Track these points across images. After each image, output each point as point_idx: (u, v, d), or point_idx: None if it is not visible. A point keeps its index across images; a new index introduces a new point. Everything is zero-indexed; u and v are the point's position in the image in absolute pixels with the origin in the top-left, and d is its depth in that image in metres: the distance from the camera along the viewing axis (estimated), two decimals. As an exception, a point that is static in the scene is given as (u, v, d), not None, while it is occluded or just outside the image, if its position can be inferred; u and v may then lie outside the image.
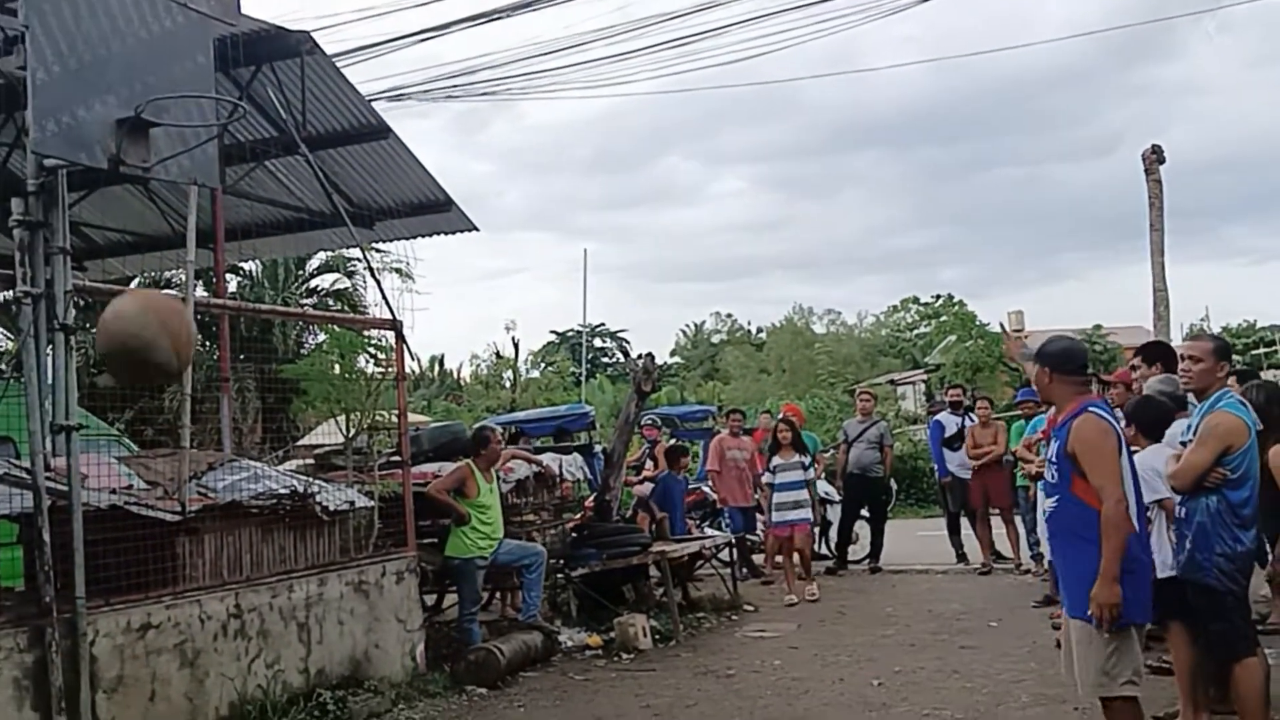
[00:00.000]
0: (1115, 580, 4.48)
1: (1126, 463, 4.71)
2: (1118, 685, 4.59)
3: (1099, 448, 4.61)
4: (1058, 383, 4.88)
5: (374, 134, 10.15)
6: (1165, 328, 12.69)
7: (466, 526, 8.44)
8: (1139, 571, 4.62)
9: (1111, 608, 4.49)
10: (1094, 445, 4.62)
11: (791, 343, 51.17)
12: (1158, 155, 12.90)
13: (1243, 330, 47.14)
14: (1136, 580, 4.60)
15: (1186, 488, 5.22)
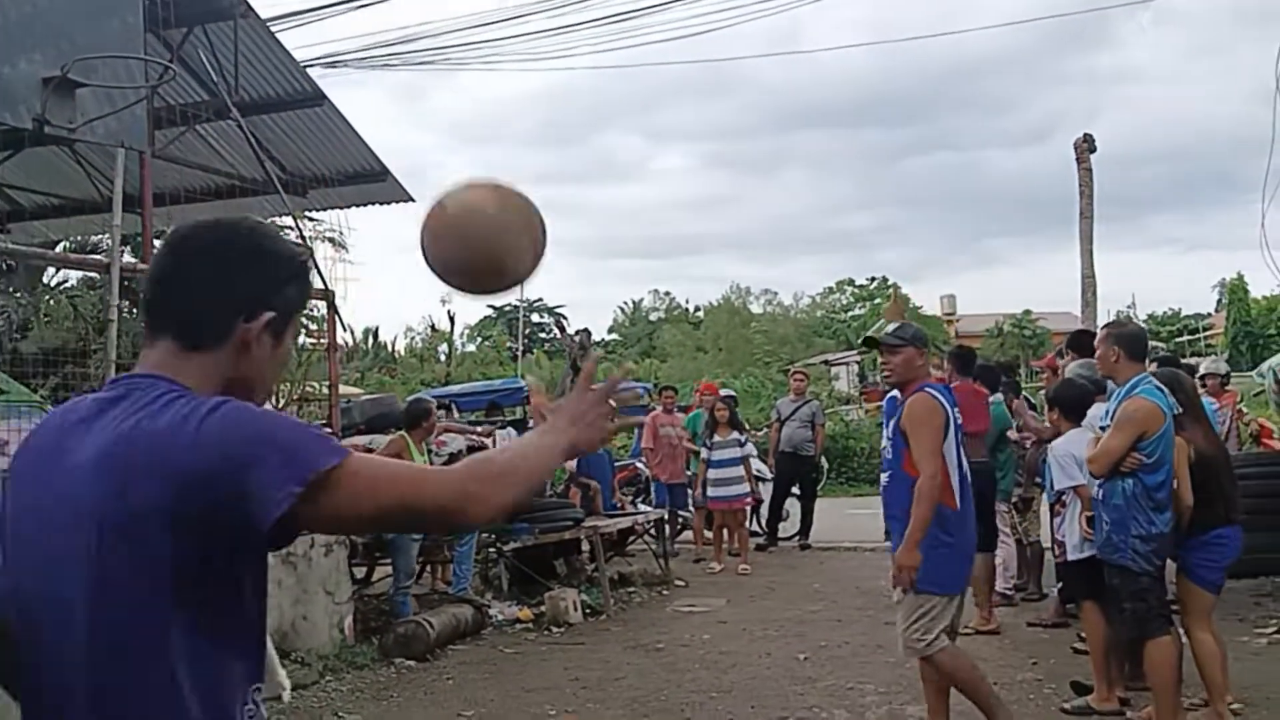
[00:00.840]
0: (916, 546, 4.86)
1: (954, 444, 5.04)
2: (924, 646, 4.96)
3: (926, 424, 4.98)
4: (923, 362, 5.25)
5: (308, 101, 10.01)
6: (1093, 314, 12.97)
7: None
8: (956, 546, 4.99)
9: (909, 570, 4.88)
10: (921, 421, 4.99)
11: (728, 322, 51.45)
12: (1089, 144, 13.15)
13: (1168, 318, 48.33)
14: (953, 554, 4.98)
15: (1103, 472, 5.37)
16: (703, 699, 6.47)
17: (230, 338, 1.64)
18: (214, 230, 1.70)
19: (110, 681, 1.51)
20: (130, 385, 1.61)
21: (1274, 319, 36.07)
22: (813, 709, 6.16)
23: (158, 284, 1.67)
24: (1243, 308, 41.04)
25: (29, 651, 1.57)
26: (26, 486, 1.62)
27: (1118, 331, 5.68)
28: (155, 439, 1.50)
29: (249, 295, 1.65)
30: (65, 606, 1.52)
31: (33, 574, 1.57)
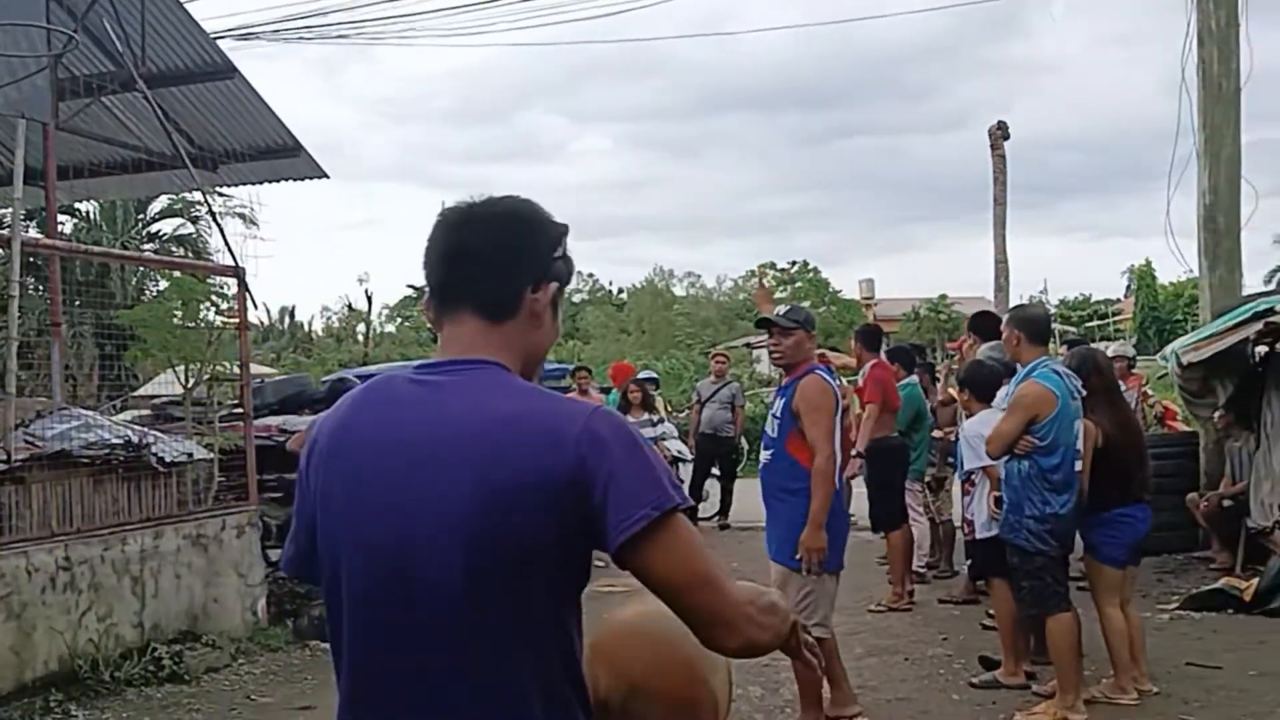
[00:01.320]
0: (822, 527, 5.00)
1: (838, 426, 5.15)
2: (812, 627, 4.89)
3: (821, 407, 5.10)
4: (811, 345, 5.38)
5: (219, 73, 9.77)
6: (1005, 298, 13.18)
7: None
8: (836, 525, 5.17)
9: (819, 551, 5.01)
10: (816, 404, 5.10)
11: (652, 304, 51.51)
12: (1003, 131, 13.35)
13: (1079, 303, 49.47)
14: (834, 532, 5.08)
15: (997, 454, 5.51)
16: (619, 678, 6.48)
17: (522, 310, 1.69)
18: (497, 204, 1.74)
19: (487, 647, 1.56)
20: (465, 368, 1.65)
21: (1180, 305, 37.12)
22: (728, 686, 6.20)
23: (454, 259, 1.71)
24: (1150, 293, 42.19)
25: (382, 612, 1.59)
26: (362, 458, 1.64)
27: (1020, 316, 5.81)
28: (540, 425, 1.56)
29: (535, 266, 1.71)
30: (437, 572, 1.55)
31: (392, 544, 1.58)
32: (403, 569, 1.57)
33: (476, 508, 1.54)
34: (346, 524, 1.64)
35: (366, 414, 1.69)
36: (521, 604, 1.57)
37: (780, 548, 5.18)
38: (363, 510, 1.62)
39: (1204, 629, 7.11)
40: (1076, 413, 5.44)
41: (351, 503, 1.63)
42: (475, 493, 1.54)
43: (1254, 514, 8.59)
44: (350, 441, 1.67)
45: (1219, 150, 10.53)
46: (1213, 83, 10.57)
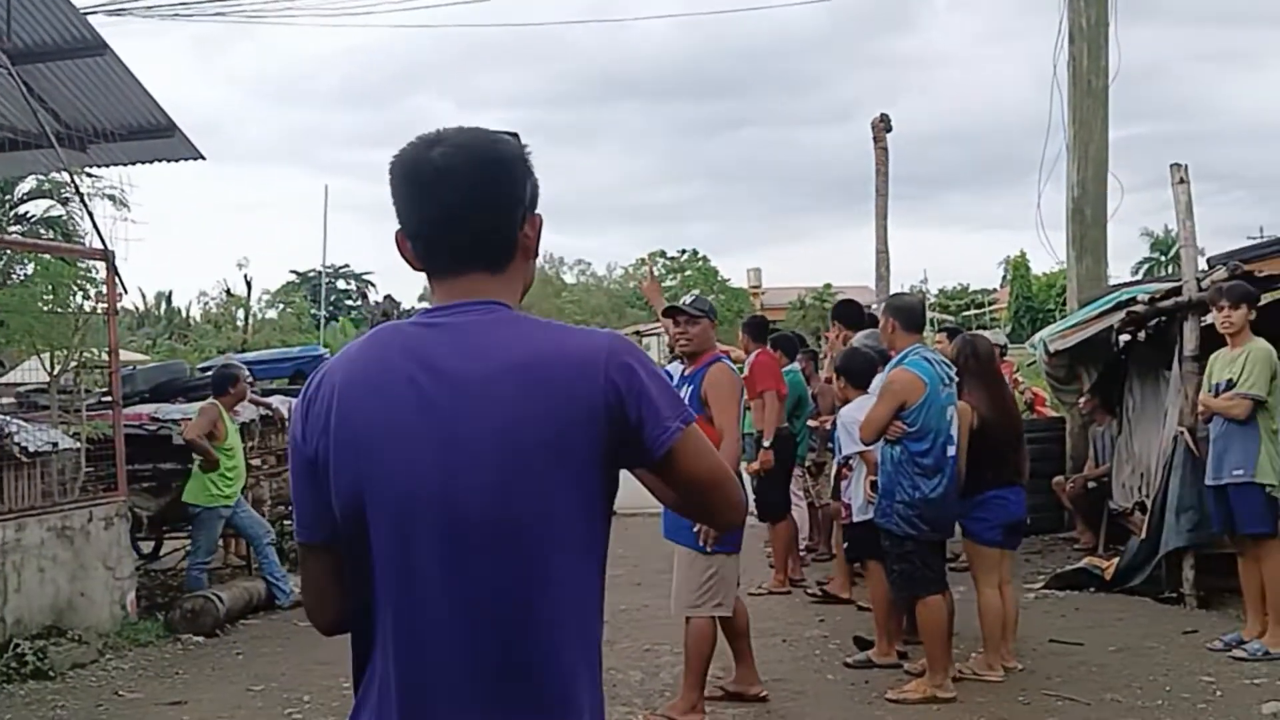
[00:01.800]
0: None
1: (742, 412, 5.38)
2: (708, 607, 5.22)
3: (729, 394, 5.27)
4: (713, 334, 5.55)
5: (88, 49, 9.39)
6: (886, 288, 13.46)
7: (214, 472, 7.95)
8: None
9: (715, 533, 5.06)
10: (724, 391, 5.26)
11: (541, 291, 51.21)
12: (885, 124, 13.60)
13: (957, 292, 50.84)
14: None
15: (869, 439, 5.66)
16: (500, 665, 6.46)
17: (518, 252, 1.74)
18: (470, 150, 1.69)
19: (544, 575, 1.61)
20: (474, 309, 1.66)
21: (1053, 294, 38.39)
22: (609, 670, 6.21)
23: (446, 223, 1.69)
24: (1024, 284, 43.56)
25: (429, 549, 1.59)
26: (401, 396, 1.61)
27: (894, 304, 5.97)
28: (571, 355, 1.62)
29: (520, 205, 1.72)
30: (491, 510, 1.58)
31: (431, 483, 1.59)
32: (454, 499, 1.59)
33: (526, 437, 1.58)
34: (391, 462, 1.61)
35: (392, 356, 1.65)
36: (568, 525, 1.63)
37: (682, 529, 5.26)
38: (411, 446, 1.60)
39: (1067, 607, 7.40)
40: (948, 399, 5.59)
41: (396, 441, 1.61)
42: (521, 423, 1.58)
43: (1115, 496, 8.96)
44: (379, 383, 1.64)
45: (1087, 145, 10.93)
46: (1082, 79, 10.95)
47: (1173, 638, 6.48)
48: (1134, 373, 9.10)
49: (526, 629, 1.60)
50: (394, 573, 1.62)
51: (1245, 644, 6.04)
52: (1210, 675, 5.70)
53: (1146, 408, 8.64)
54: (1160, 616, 7.02)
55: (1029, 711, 5.24)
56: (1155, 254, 44.30)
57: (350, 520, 1.63)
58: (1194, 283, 7.36)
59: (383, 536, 1.61)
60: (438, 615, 1.60)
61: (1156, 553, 7.38)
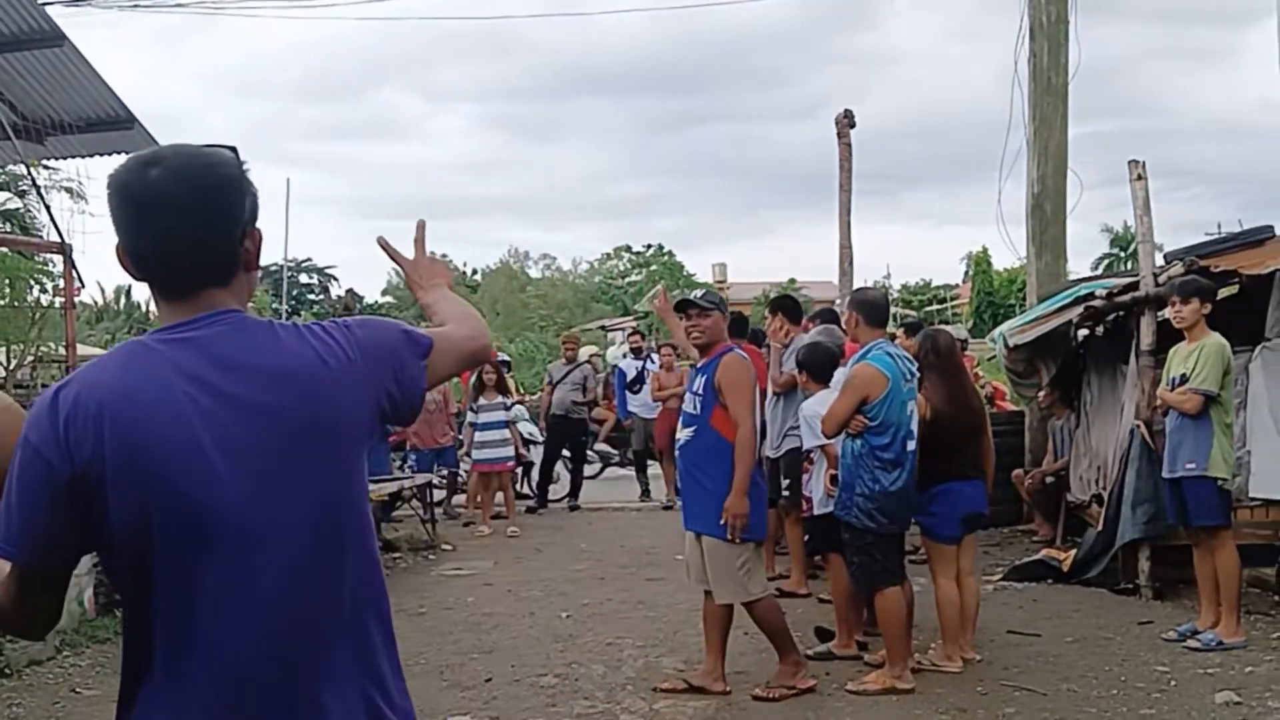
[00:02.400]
0: (745, 494, 5.32)
1: (756, 400, 5.52)
2: (753, 590, 5.46)
3: (743, 382, 5.45)
4: (723, 326, 5.70)
5: (46, 40, 9.28)
6: (849, 283, 13.50)
7: None
8: (755, 495, 5.46)
9: (741, 517, 5.31)
10: (738, 380, 5.44)
11: (507, 286, 51.29)
12: (849, 120, 13.63)
13: (920, 287, 51.16)
14: (754, 503, 5.37)
15: (831, 433, 5.71)
16: (463, 660, 6.47)
17: (239, 265, 1.78)
18: (188, 170, 1.72)
19: (339, 556, 1.72)
20: (215, 320, 1.71)
21: (1014, 290, 38.71)
22: (572, 665, 6.26)
23: (171, 246, 1.71)
24: (986, 279, 43.92)
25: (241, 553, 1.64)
26: (163, 421, 1.62)
27: (858, 298, 6.01)
28: (316, 352, 1.73)
29: (237, 222, 1.76)
30: (288, 507, 1.67)
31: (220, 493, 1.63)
32: (241, 506, 1.64)
33: (295, 436, 1.68)
34: (180, 477, 1.62)
35: (161, 371, 1.66)
36: (355, 509, 1.78)
37: (708, 522, 5.43)
38: (196, 458, 1.62)
39: (1025, 599, 7.48)
40: (909, 394, 5.63)
41: (182, 455, 1.62)
42: (290, 424, 1.68)
43: (1073, 489, 9.07)
44: (155, 399, 1.64)
45: (1048, 142, 11.04)
46: (1043, 76, 11.06)
47: (1128, 628, 6.57)
48: (1092, 367, 9.21)
49: (331, 621, 1.70)
50: (191, 587, 1.63)
51: (1199, 634, 6.13)
52: (1165, 665, 5.79)
53: (1104, 401, 8.74)
54: (1116, 607, 7.11)
55: (987, 701, 5.30)
56: (1115, 250, 44.82)
57: (134, 538, 1.62)
58: (1151, 278, 7.45)
59: (174, 551, 1.62)
60: (237, 622, 1.64)
61: (1113, 545, 7.48)
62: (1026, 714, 5.11)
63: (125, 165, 1.74)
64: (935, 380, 5.90)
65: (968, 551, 6.13)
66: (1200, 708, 5.11)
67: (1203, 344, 6.13)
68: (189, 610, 1.63)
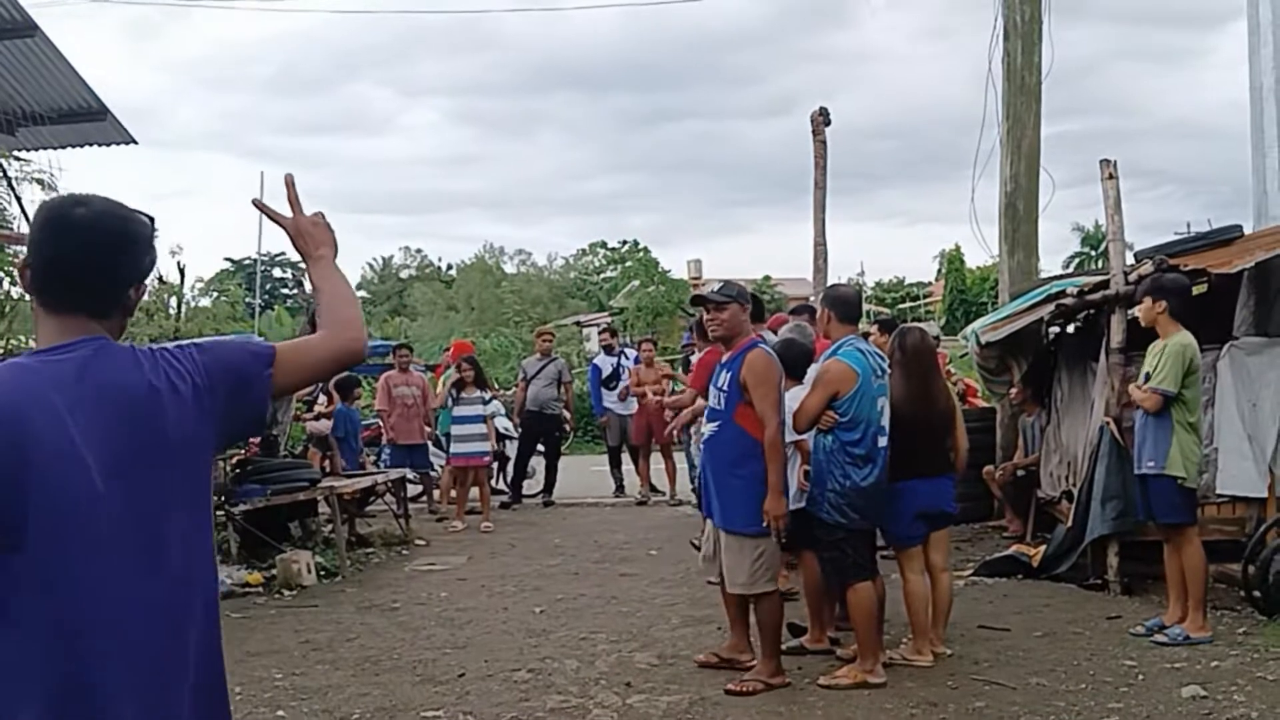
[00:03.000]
0: (781, 494, 5.41)
1: (783, 396, 5.52)
2: (762, 584, 5.52)
3: (768, 379, 5.45)
4: (745, 317, 5.68)
5: (18, 31, 9.21)
6: (823, 280, 13.56)
7: None
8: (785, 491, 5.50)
9: (782, 517, 5.41)
10: (764, 377, 5.45)
11: (481, 281, 51.02)
12: (825, 117, 13.68)
13: (893, 285, 51.35)
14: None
15: (802, 428, 5.73)
16: (436, 655, 6.46)
17: (122, 307, 2.06)
18: (106, 218, 2.01)
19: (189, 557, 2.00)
20: (87, 344, 1.95)
21: (986, 288, 38.91)
22: (545, 660, 6.26)
23: (71, 271, 1.98)
24: (959, 277, 44.04)
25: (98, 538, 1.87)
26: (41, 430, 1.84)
27: (831, 295, 6.05)
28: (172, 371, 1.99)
29: (136, 271, 2.06)
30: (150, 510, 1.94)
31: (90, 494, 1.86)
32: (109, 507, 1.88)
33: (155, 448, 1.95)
34: (58, 481, 1.84)
35: (39, 387, 1.88)
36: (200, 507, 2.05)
37: (735, 517, 5.50)
38: (69, 464, 1.85)
39: (995, 594, 7.54)
40: (880, 390, 5.66)
41: (59, 462, 1.84)
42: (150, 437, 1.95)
43: (1043, 485, 9.15)
44: (38, 410, 1.85)
45: (1020, 140, 11.11)
46: (1016, 75, 11.13)
47: (1097, 623, 6.63)
48: (1063, 364, 9.28)
49: (185, 606, 1.99)
50: (65, 581, 1.84)
51: (1166, 629, 6.20)
52: (1132, 659, 5.85)
53: (1074, 398, 8.82)
54: (1085, 602, 7.18)
55: (957, 695, 5.34)
56: (1086, 249, 45.06)
57: (12, 526, 1.82)
58: (1121, 276, 7.52)
59: (46, 549, 1.83)
60: (109, 615, 1.87)
61: (1082, 540, 7.55)
62: (996, 708, 5.15)
63: (59, 198, 2.08)
64: (899, 377, 5.92)
65: (940, 547, 6.17)
66: (1167, 701, 5.17)
67: (1167, 342, 6.18)
68: (64, 602, 1.84)
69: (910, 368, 6.01)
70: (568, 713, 5.30)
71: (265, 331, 23.79)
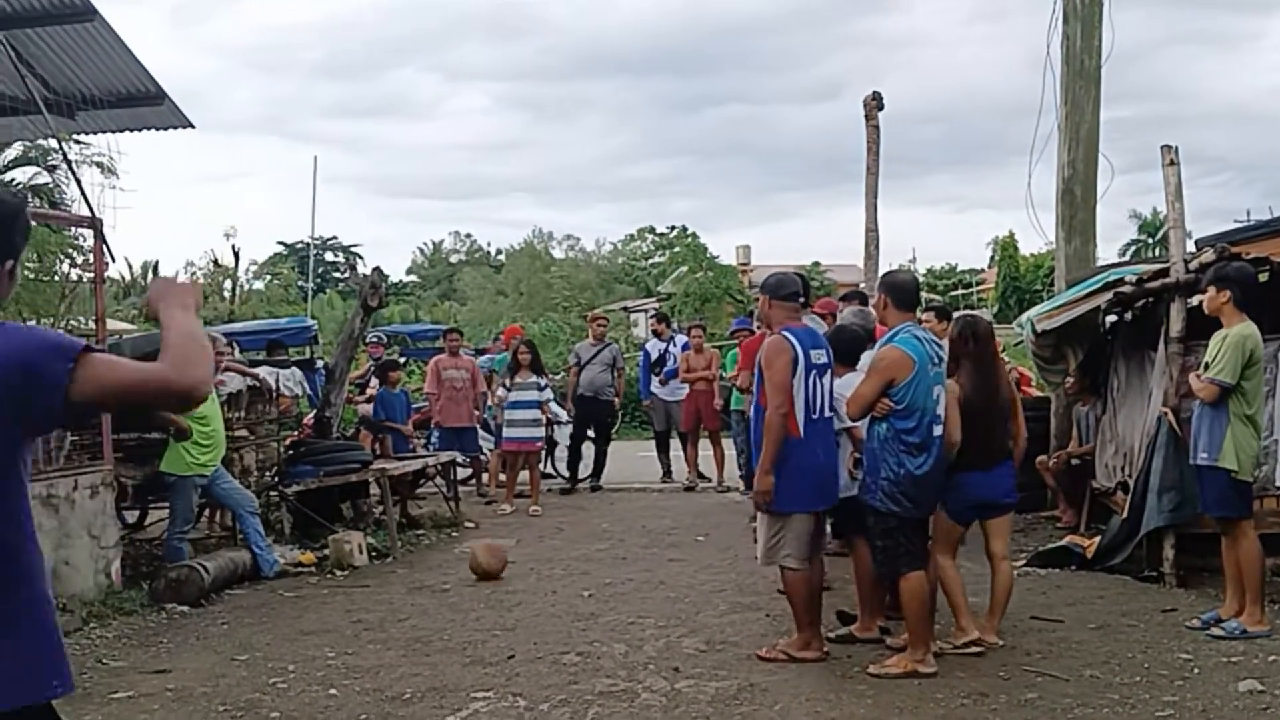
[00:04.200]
0: (767, 473, 5.62)
1: (803, 381, 5.58)
2: (778, 558, 5.75)
3: (772, 363, 5.64)
4: (775, 308, 5.83)
5: (77, 15, 9.27)
6: (875, 266, 13.46)
7: (187, 442, 7.94)
8: (797, 470, 5.64)
9: (763, 494, 5.67)
10: (769, 361, 5.66)
11: (530, 266, 51.17)
12: (878, 101, 13.55)
13: (944, 272, 50.85)
14: (797, 477, 5.65)
15: (856, 416, 5.69)
16: (485, 637, 6.50)
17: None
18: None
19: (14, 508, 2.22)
20: None
21: (1040, 275, 38.41)
22: (593, 644, 6.28)
23: None
24: (1012, 264, 43.53)
25: None
26: None
27: (888, 281, 5.98)
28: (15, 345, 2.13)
29: (5, 250, 2.28)
30: None
31: None
32: None
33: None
34: None
35: None
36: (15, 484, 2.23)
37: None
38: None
39: (1048, 585, 7.45)
40: (936, 378, 5.60)
41: None
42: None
43: (1098, 475, 9.01)
44: None
45: (1079, 126, 10.92)
46: (1075, 59, 10.94)
47: (1152, 616, 6.53)
48: (1120, 353, 9.13)
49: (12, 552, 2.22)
50: None
51: (1223, 622, 6.09)
52: (1188, 653, 5.76)
53: (1131, 388, 8.68)
54: (1139, 595, 7.07)
55: (1008, 686, 5.28)
56: (1143, 236, 44.36)
57: None
58: (1181, 264, 7.38)
59: None
60: None
61: (1137, 532, 7.43)
62: (1048, 700, 5.09)
63: None
64: (969, 368, 5.85)
65: (1001, 536, 6.11)
66: (1223, 696, 5.08)
67: (1227, 332, 6.06)
68: None
69: (981, 358, 5.92)
70: (616, 696, 5.31)
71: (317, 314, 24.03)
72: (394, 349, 16.78)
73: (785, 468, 5.61)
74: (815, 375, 5.69)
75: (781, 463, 5.60)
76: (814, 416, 5.69)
